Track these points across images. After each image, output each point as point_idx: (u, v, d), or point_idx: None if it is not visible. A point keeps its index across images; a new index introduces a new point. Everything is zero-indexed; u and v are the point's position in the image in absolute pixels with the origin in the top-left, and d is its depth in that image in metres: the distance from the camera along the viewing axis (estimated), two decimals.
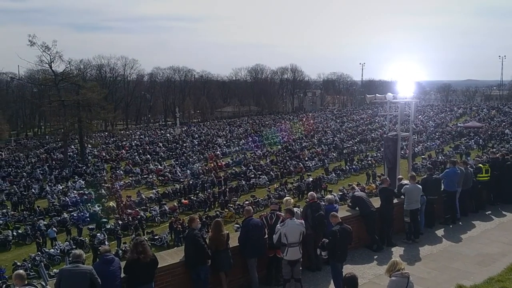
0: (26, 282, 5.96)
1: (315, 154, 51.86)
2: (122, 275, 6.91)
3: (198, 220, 9.65)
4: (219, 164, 47.79)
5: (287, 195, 31.60)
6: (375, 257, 10.30)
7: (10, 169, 48.52)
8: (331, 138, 61.74)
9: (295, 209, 9.31)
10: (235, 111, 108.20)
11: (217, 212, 30.87)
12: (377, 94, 19.03)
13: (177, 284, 7.78)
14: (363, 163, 46.39)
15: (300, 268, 8.25)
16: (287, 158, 49.58)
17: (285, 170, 43.64)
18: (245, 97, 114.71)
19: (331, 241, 8.25)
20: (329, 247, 8.27)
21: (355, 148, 54.95)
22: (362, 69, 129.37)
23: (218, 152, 54.20)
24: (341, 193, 33.50)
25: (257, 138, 63.60)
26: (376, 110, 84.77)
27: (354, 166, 45.46)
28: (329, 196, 10.98)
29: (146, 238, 22.23)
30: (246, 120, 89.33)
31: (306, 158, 49.29)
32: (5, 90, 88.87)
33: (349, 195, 31.14)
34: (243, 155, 51.78)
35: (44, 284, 6.32)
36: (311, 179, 38.91)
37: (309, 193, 10.62)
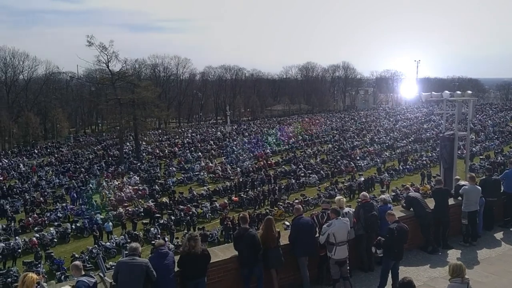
0: (83, 273, 6.19)
1: (367, 153, 50.97)
2: (176, 269, 7.06)
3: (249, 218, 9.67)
4: (269, 162, 47.88)
5: (337, 194, 31.20)
6: (430, 259, 10.00)
7: (69, 164, 50.76)
8: (383, 137, 60.48)
9: (347, 209, 9.18)
10: (285, 110, 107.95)
11: (267, 210, 30.95)
12: (433, 92, 18.45)
13: (229, 280, 7.84)
14: (417, 163, 45.15)
15: (348, 267, 8.15)
16: (338, 157, 48.99)
17: (336, 169, 43.15)
18: (295, 95, 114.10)
19: (388, 239, 8.14)
20: (385, 245, 8.14)
21: (409, 147, 53.57)
22: (417, 66, 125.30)
23: (268, 150, 54.34)
24: (394, 194, 32.74)
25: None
26: (431, 109, 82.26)
27: (408, 166, 44.32)
28: (383, 196, 10.75)
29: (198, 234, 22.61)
30: (296, 119, 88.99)
31: (358, 157, 48.54)
32: (65, 88, 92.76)
33: (402, 195, 30.43)
34: (293, 154, 51.64)
35: (102, 275, 6.52)
36: (362, 178, 38.29)
37: (362, 193, 10.44)
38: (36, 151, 63.19)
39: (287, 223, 26.61)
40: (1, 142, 69.81)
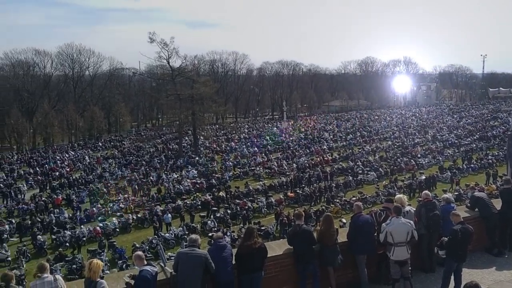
0: (145, 263, 6.37)
1: (429, 151, 49.25)
2: (234, 261, 7.13)
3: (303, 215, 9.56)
4: (326, 158, 47.38)
5: (397, 192, 30.38)
6: (495, 262, 9.52)
7: (131, 157, 52.68)
8: (446, 135, 58.23)
9: (408, 208, 8.89)
10: (343, 105, 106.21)
11: (323, 207, 30.65)
12: (501, 88, 17.48)
13: (286, 275, 7.81)
14: (482, 162, 43.12)
15: (410, 268, 7.89)
16: (398, 154, 47.70)
17: (395, 167, 41.98)
18: (354, 90, 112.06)
19: (450, 240, 7.82)
20: (448, 246, 7.84)
21: (474, 145, 51.25)
22: (484, 61, 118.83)
23: (325, 147, 53.79)
24: (457, 193, 31.43)
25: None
26: (498, 106, 78.26)
27: (472, 165, 42.41)
28: (446, 195, 10.30)
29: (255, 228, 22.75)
30: (354, 115, 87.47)
31: (419, 155, 47.01)
32: (127, 84, 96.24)
33: (466, 195, 29.19)
34: (350, 150, 50.83)
35: (162, 265, 6.69)
36: (423, 177, 37.03)
37: (424, 192, 10.04)
38: (100, 144, 66.10)
39: (344, 220, 26.27)
40: (68, 135, 73.57)
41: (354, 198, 30.95)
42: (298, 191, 35.19)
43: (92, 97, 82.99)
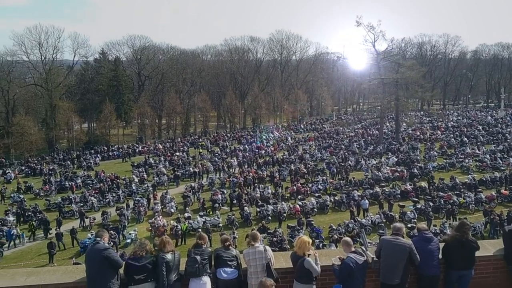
0: (352, 249, 6.30)
1: None
2: (440, 256, 6.63)
3: None
4: None
5: None
6: None
7: (330, 141, 53.65)
8: None
9: None
10: None
11: None
12: None
13: (499, 278, 7.00)
14: None
15: None
16: None
17: None
18: None
19: None
20: None
21: None
22: None
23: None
24: None
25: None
26: None
27: None
28: None
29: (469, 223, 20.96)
30: None
31: None
32: (331, 68, 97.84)
33: None
34: None
35: (364, 249, 6.55)
36: None
37: None
38: (302, 126, 68.92)
39: None
40: (274, 116, 78.57)
41: None
42: None
43: (297, 81, 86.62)
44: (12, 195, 36.23)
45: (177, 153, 49.70)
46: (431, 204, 28.17)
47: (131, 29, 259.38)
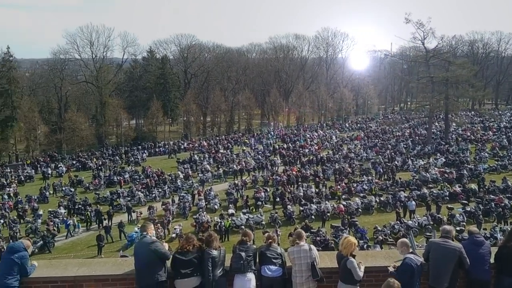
0: (410, 250, 6.17)
1: None
2: (492, 260, 6.40)
3: None
4: None
5: None
6: None
7: (377, 140, 52.70)
8: None
9: None
10: None
11: None
12: None
13: None
14: None
15: None
16: None
17: None
18: None
19: None
20: None
21: None
22: None
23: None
24: None
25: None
26: None
27: None
28: None
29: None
30: None
31: None
32: (378, 66, 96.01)
33: None
34: None
35: (412, 249, 6.41)
36: None
37: None
38: (347, 125, 68.06)
39: None
40: (318, 115, 77.98)
41: None
42: None
43: (342, 79, 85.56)
44: (63, 188, 37.79)
45: (221, 151, 50.26)
46: (481, 207, 27.18)
47: (178, 28, 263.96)
